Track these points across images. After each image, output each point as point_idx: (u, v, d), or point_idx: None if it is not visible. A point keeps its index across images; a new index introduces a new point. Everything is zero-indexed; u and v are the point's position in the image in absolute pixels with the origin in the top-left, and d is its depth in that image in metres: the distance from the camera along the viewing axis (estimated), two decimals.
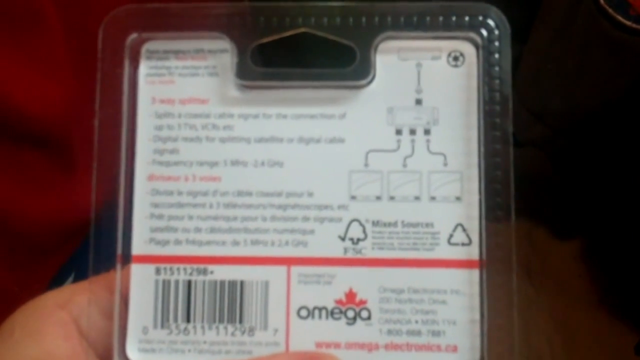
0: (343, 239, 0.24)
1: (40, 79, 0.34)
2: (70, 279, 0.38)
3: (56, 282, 0.38)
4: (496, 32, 0.24)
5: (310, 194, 0.24)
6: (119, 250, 0.24)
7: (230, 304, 0.24)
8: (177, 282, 0.24)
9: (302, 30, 0.24)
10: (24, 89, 0.33)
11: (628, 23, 0.36)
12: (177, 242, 0.24)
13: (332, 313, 0.24)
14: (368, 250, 0.24)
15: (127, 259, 0.24)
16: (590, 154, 0.47)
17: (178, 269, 0.24)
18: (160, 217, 0.24)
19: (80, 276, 0.25)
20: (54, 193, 0.37)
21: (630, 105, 0.41)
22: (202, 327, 0.24)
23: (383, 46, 0.24)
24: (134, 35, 0.25)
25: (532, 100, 0.45)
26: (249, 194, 0.24)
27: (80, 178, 0.37)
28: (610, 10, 0.37)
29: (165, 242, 0.24)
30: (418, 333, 0.24)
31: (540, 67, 0.45)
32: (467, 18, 0.24)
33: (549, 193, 0.50)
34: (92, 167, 0.24)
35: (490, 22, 0.24)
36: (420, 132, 0.24)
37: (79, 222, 0.37)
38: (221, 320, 0.24)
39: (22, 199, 0.35)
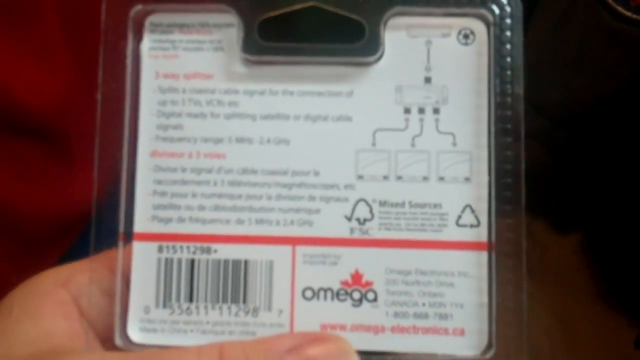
0: (349, 219, 0.24)
1: (38, 70, 0.34)
2: None
3: None
4: (508, 9, 0.23)
5: (317, 173, 0.24)
6: (121, 228, 0.24)
7: (234, 284, 0.23)
8: (179, 260, 0.24)
9: (311, 4, 0.23)
10: (22, 81, 0.33)
11: (628, 14, 0.36)
12: (180, 219, 0.24)
13: (337, 294, 0.23)
14: (375, 231, 0.23)
15: (129, 236, 0.24)
16: (590, 147, 0.47)
17: (181, 247, 0.24)
18: (163, 194, 0.24)
19: None
20: (53, 185, 0.36)
21: (631, 97, 0.40)
22: (205, 307, 0.23)
23: (392, 22, 0.24)
24: (137, 7, 0.24)
25: (532, 93, 0.45)
26: (254, 171, 0.24)
27: (78, 170, 0.37)
28: (610, 1, 0.37)
29: (168, 220, 0.24)
30: (425, 316, 0.23)
31: (540, 58, 0.44)
32: None
33: (548, 186, 0.50)
34: (91, 159, 0.24)
35: None
36: (429, 111, 0.24)
37: (78, 214, 0.37)
38: (224, 300, 0.23)
39: (20, 191, 0.35)
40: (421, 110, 0.24)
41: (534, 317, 0.47)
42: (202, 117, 0.24)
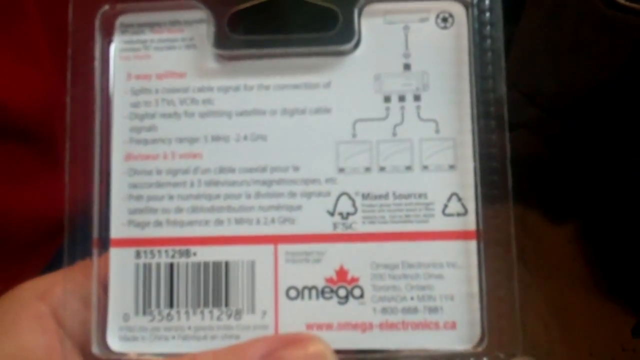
0: (332, 213, 0.23)
1: (21, 71, 0.33)
2: None
3: None
4: None
5: (296, 168, 0.23)
6: (96, 234, 0.23)
7: (215, 287, 0.23)
8: (158, 265, 0.23)
9: None
10: (5, 82, 0.32)
11: (621, 1, 0.36)
12: (158, 223, 0.23)
13: (322, 292, 0.22)
14: (358, 225, 0.23)
15: (105, 243, 0.23)
16: (584, 136, 0.46)
17: (159, 251, 0.23)
18: (139, 198, 0.23)
19: None
20: (38, 188, 0.36)
21: (624, 85, 0.40)
22: (186, 312, 0.23)
23: (368, 9, 0.23)
24: (105, 8, 0.23)
25: (525, 82, 0.45)
26: (232, 170, 0.23)
27: (64, 172, 0.36)
28: None
29: (145, 224, 0.23)
30: (414, 310, 0.22)
31: (533, 47, 0.44)
32: None
33: (542, 176, 0.49)
34: (77, 161, 0.23)
35: None
36: (409, 98, 0.23)
37: (64, 218, 0.36)
38: (206, 304, 0.23)
39: (4, 194, 0.34)
40: (401, 98, 0.23)
41: (530, 306, 0.46)
42: (176, 117, 0.23)
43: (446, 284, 0.22)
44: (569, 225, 0.51)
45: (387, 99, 0.23)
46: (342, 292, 0.22)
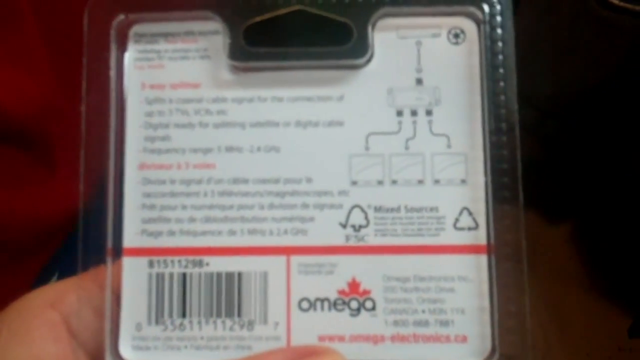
0: (344, 226, 0.23)
1: (17, 75, 0.33)
2: (54, 279, 0.37)
3: (39, 282, 0.37)
4: (498, 6, 0.23)
5: (309, 180, 0.23)
6: (109, 244, 0.23)
7: (227, 297, 0.23)
8: (171, 275, 0.23)
9: (296, 7, 0.23)
10: (1, 86, 0.32)
11: (616, 2, 0.36)
12: (171, 233, 0.23)
13: (334, 304, 0.23)
14: (371, 237, 0.23)
15: (118, 252, 0.23)
16: (580, 136, 0.47)
17: (172, 261, 0.23)
18: (152, 207, 0.23)
19: (64, 276, 0.24)
20: (34, 191, 0.36)
21: (620, 86, 0.40)
22: (199, 322, 0.23)
23: (381, 24, 0.23)
24: (120, 17, 0.24)
25: (520, 83, 0.45)
26: (245, 181, 0.23)
27: (60, 176, 0.36)
28: None
29: (158, 234, 0.23)
30: (425, 323, 0.23)
31: (528, 49, 0.44)
32: None
33: (539, 176, 0.49)
34: (72, 165, 0.23)
35: None
36: (422, 113, 0.23)
37: (60, 221, 0.36)
38: (218, 315, 0.23)
39: (1, 198, 0.34)
40: (414, 113, 0.23)
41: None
42: (190, 127, 0.24)
43: (457, 297, 0.22)
44: (565, 226, 0.51)
45: (399, 113, 0.23)
46: (354, 304, 0.23)
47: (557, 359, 0.47)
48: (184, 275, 0.23)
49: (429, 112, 0.23)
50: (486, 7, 0.23)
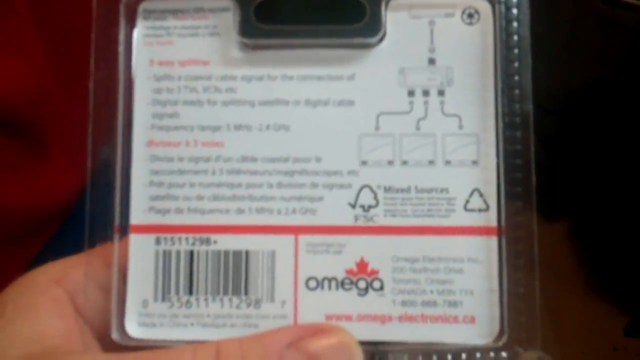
0: (353, 206, 0.23)
1: (11, 63, 0.33)
2: None
3: None
4: None
5: (319, 160, 0.23)
6: (117, 221, 0.23)
7: (235, 275, 0.23)
8: (178, 252, 0.23)
9: None
10: None
11: None
12: (178, 210, 0.23)
13: (342, 284, 0.23)
14: (380, 218, 0.23)
15: (125, 229, 0.23)
16: (579, 134, 0.46)
17: (179, 238, 0.23)
18: (160, 184, 0.23)
19: None
20: (27, 179, 0.36)
21: (620, 82, 0.40)
22: (206, 300, 0.23)
23: (394, 3, 0.23)
24: None
25: None
26: (254, 159, 0.23)
27: (53, 163, 0.36)
28: None
29: (166, 211, 0.23)
30: (434, 304, 0.22)
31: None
32: None
33: (537, 173, 0.49)
34: (65, 153, 0.23)
35: None
36: (433, 93, 0.23)
37: (53, 209, 0.36)
38: (225, 292, 0.23)
39: None
40: (425, 93, 0.23)
41: None
42: (198, 105, 0.23)
43: (466, 278, 0.22)
44: (561, 224, 0.51)
45: (411, 93, 0.23)
46: (362, 284, 0.22)
47: (552, 358, 0.47)
48: (191, 252, 0.23)
49: (441, 93, 0.23)
50: None
